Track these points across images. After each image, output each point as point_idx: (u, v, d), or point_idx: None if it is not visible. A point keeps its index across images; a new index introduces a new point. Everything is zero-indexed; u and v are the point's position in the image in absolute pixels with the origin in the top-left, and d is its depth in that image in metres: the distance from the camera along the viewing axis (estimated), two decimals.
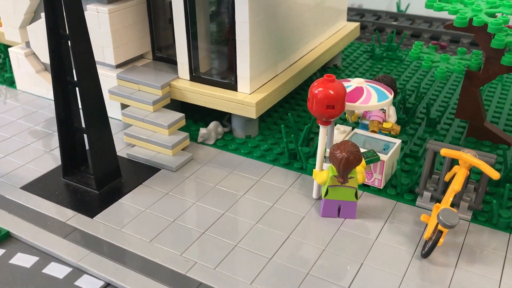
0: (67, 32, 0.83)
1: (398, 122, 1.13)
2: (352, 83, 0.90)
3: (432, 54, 1.08)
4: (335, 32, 1.39)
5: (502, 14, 0.94)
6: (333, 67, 1.46)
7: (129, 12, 1.11)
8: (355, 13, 1.88)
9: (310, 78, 1.35)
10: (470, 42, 1.60)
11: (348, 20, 1.77)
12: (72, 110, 0.90)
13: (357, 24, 1.47)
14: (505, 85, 1.32)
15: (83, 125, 0.90)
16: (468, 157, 0.78)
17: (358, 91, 0.88)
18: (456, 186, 0.77)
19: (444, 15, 1.83)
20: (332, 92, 0.78)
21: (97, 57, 1.08)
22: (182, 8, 1.04)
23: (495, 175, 0.76)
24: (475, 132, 1.09)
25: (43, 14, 1.16)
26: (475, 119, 1.08)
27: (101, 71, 1.09)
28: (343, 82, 0.90)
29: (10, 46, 1.38)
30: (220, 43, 1.12)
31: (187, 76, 1.10)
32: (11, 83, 1.34)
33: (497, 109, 1.21)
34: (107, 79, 1.11)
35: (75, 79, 0.86)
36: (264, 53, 1.06)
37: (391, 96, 0.89)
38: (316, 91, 0.79)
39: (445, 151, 0.80)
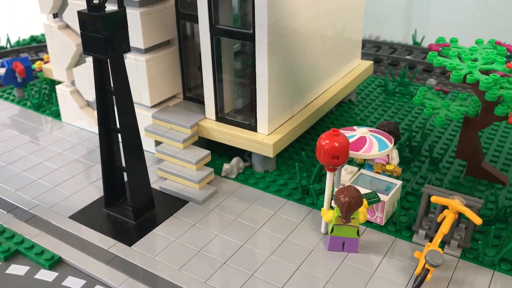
0: (112, 89, 0.98)
1: (403, 160, 1.25)
2: (357, 133, 1.02)
3: (434, 100, 1.19)
4: (349, 72, 1.51)
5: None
6: (347, 102, 1.58)
7: (164, 59, 1.25)
8: (372, 45, 1.99)
9: (326, 115, 1.48)
10: None
11: (365, 53, 1.89)
12: (114, 151, 1.05)
13: (370, 62, 1.59)
14: (507, 127, 1.42)
15: (123, 164, 1.05)
16: (454, 204, 0.89)
17: (362, 140, 1.00)
18: (444, 229, 0.89)
19: None
20: (337, 145, 0.90)
21: (135, 98, 1.23)
22: (210, 58, 1.18)
23: (477, 221, 0.87)
24: (473, 171, 1.19)
25: (87, 59, 1.32)
26: (473, 160, 1.18)
27: (138, 111, 1.23)
28: (349, 131, 1.03)
29: (55, 81, 1.55)
30: (243, 88, 1.26)
31: (213, 117, 1.24)
32: (57, 115, 1.51)
33: (498, 148, 1.31)
34: (143, 118, 1.26)
35: (118, 126, 1.01)
36: (281, 98, 1.19)
37: (390, 145, 1.00)
38: (323, 143, 0.91)
39: (435, 198, 0.91)
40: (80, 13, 0.91)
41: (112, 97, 0.99)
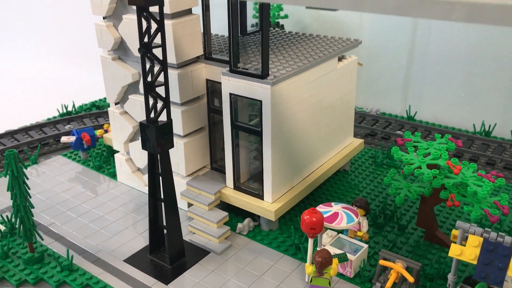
0: (159, 171, 1.39)
1: (377, 225, 1.60)
2: (332, 209, 1.39)
3: (400, 181, 1.55)
4: (342, 149, 1.89)
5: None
6: (342, 171, 1.95)
7: (197, 141, 1.67)
8: (371, 119, 2.37)
9: (324, 182, 1.85)
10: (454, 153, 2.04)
11: (363, 126, 2.27)
12: (158, 214, 1.46)
13: (361, 140, 1.96)
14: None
15: (164, 223, 1.45)
16: (395, 266, 1.25)
17: (335, 215, 1.37)
18: (388, 284, 1.24)
19: (442, 127, 2.28)
20: (314, 220, 1.28)
21: (174, 169, 1.64)
22: (230, 143, 1.58)
23: (410, 279, 1.22)
24: (429, 237, 1.54)
25: (139, 137, 1.74)
26: (429, 228, 1.53)
27: (176, 178, 1.64)
28: (326, 207, 1.40)
29: (112, 148, 1.98)
30: (254, 166, 1.65)
31: (232, 186, 1.64)
32: (113, 175, 1.94)
33: (456, 218, 1.66)
34: (180, 184, 1.66)
35: (162, 197, 1.42)
36: (283, 174, 1.58)
37: (356, 219, 1.37)
38: (305, 217, 1.29)
39: (382, 262, 1.27)
40: (141, 124, 1.33)
41: (159, 177, 1.40)
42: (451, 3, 0.76)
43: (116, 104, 1.83)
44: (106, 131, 2.12)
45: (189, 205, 1.67)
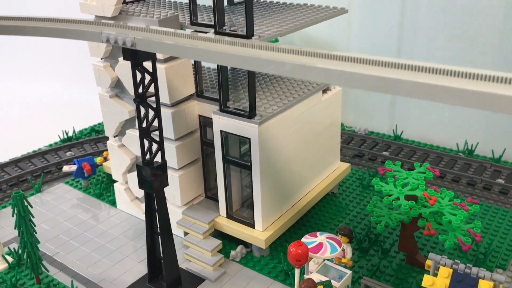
0: (156, 207, 1.49)
1: (362, 249, 1.71)
2: (317, 239, 1.50)
3: (381, 208, 1.65)
4: (329, 174, 1.99)
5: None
6: (330, 193, 2.06)
7: (191, 172, 1.77)
8: (359, 139, 2.47)
9: (313, 207, 1.95)
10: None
11: (351, 147, 2.37)
12: (156, 245, 1.56)
13: (348, 164, 2.06)
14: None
15: (161, 254, 1.55)
16: None
17: (320, 245, 1.47)
18: None
19: (427, 146, 2.39)
20: (299, 252, 1.38)
21: (170, 199, 1.74)
22: (222, 175, 1.68)
23: None
24: (410, 261, 1.65)
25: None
26: (410, 253, 1.64)
27: (172, 208, 1.75)
28: (312, 237, 1.50)
29: (111, 176, 2.09)
30: (246, 194, 1.76)
31: (224, 214, 1.74)
32: (113, 203, 2.04)
33: (436, 241, 1.76)
34: (176, 213, 1.77)
35: (159, 231, 1.52)
36: (272, 204, 1.69)
37: (339, 249, 1.48)
38: (291, 249, 1.39)
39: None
40: (137, 165, 1.44)
41: (156, 213, 1.51)
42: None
43: (114, 136, 1.93)
44: (105, 159, 2.22)
45: (185, 233, 1.77)
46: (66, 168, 2.13)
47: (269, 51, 1.06)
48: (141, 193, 1.88)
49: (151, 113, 1.40)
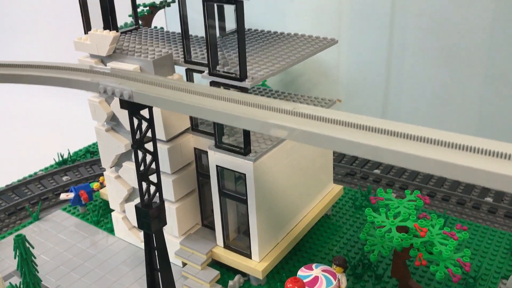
0: (155, 245, 1.53)
1: (356, 275, 1.76)
2: (313, 273, 1.55)
3: (374, 237, 1.70)
4: (322, 198, 2.03)
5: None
6: (324, 216, 2.10)
7: (188, 203, 1.81)
8: (351, 156, 2.52)
9: (308, 231, 2.00)
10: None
11: (343, 166, 2.42)
12: (155, 280, 1.60)
13: (341, 187, 2.11)
14: None
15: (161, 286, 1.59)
16: None
17: (315, 279, 1.52)
18: None
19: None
20: None
21: (168, 230, 1.78)
22: (219, 207, 1.72)
23: None
24: (404, 287, 1.70)
25: (134, 198, 1.88)
26: (403, 279, 1.69)
27: (169, 237, 1.79)
28: (308, 271, 1.55)
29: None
30: (242, 222, 1.80)
31: (222, 244, 1.78)
32: (111, 230, 2.07)
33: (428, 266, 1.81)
34: (174, 243, 1.81)
35: (158, 267, 1.56)
36: (268, 233, 1.73)
37: (334, 282, 1.53)
38: (288, 286, 1.44)
39: None
40: (136, 207, 1.47)
41: (155, 250, 1.55)
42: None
43: (111, 167, 1.96)
44: (101, 184, 2.25)
45: (183, 263, 1.81)
46: (63, 196, 2.16)
47: (262, 110, 1.09)
48: None
49: (149, 156, 1.43)
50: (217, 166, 1.65)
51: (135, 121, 1.38)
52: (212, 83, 1.56)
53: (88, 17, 1.76)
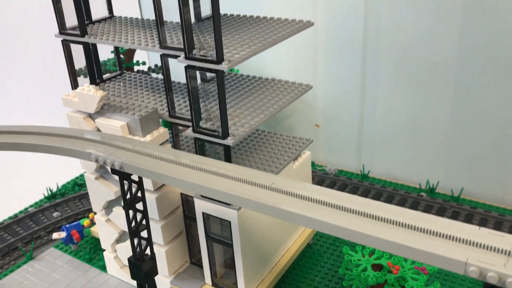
0: None
1: None
2: None
3: (352, 271, 1.83)
4: (304, 229, 2.16)
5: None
6: (307, 245, 2.23)
7: (176, 245, 1.91)
8: (330, 181, 2.64)
9: (293, 262, 2.12)
10: None
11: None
12: None
13: None
14: None
15: None
16: None
17: None
18: None
19: (393, 184, 2.57)
20: None
21: (160, 271, 1.89)
22: (206, 247, 1.83)
23: None
24: None
25: (125, 239, 1.97)
26: None
27: (160, 278, 1.89)
28: None
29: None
30: (228, 259, 1.91)
31: (210, 282, 1.89)
32: (103, 268, 2.17)
33: None
34: (164, 283, 1.91)
35: None
36: (254, 271, 1.84)
37: None
38: None
39: None
40: (129, 261, 1.57)
41: None
42: None
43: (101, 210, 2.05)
44: (91, 221, 2.34)
45: None
46: (55, 236, 2.24)
47: (242, 183, 1.20)
48: None
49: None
50: (203, 213, 1.75)
51: (125, 183, 1.47)
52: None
53: (74, 73, 1.84)
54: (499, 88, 2.25)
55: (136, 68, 2.76)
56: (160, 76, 2.06)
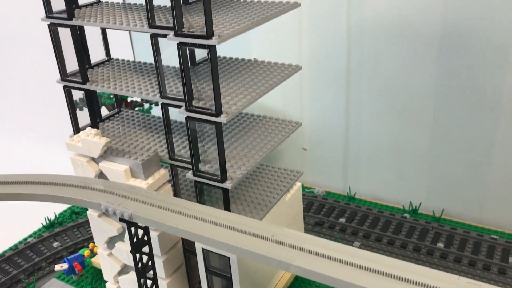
0: None
1: None
2: None
3: None
4: None
5: None
6: None
7: (177, 277, 2.02)
8: (318, 203, 2.77)
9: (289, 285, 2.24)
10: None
11: (311, 216, 2.67)
12: None
13: None
14: None
15: None
16: None
17: None
18: None
19: (378, 206, 2.71)
20: None
21: None
22: (206, 282, 1.94)
23: None
24: None
25: (128, 272, 2.07)
26: None
27: None
28: None
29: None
30: None
31: None
32: None
33: None
34: None
35: None
36: None
37: None
38: None
39: None
40: None
41: None
42: None
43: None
44: (92, 251, 2.43)
45: None
46: (58, 267, 2.33)
47: (244, 234, 1.32)
48: None
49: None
50: (202, 249, 1.86)
51: (133, 229, 1.58)
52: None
53: (76, 118, 1.94)
54: (474, 117, 2.41)
55: (129, 99, 2.85)
56: (153, 112, 2.17)
